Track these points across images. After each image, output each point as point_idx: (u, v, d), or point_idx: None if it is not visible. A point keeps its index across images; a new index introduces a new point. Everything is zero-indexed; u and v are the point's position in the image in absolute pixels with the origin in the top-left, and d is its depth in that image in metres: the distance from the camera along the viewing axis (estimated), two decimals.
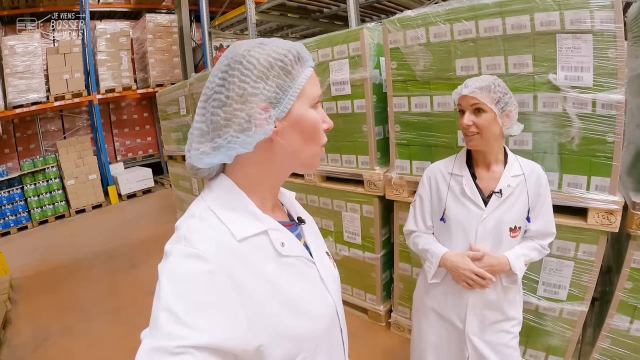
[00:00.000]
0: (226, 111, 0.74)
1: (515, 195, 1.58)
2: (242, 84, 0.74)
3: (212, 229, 0.74)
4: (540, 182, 1.60)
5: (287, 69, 0.76)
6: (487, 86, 1.49)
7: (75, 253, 5.73)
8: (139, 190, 8.84)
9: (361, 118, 2.82)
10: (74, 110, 9.04)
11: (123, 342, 3.35)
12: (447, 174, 1.70)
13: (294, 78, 0.77)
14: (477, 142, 1.55)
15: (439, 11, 2.19)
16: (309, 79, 0.80)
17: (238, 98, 0.74)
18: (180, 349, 0.59)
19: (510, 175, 1.58)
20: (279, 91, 0.76)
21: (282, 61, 0.76)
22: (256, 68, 0.74)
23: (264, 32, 7.37)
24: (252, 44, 0.78)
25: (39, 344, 3.49)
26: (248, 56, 0.75)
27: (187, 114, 5.25)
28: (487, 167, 1.62)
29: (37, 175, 7.56)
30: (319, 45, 2.93)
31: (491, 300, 1.65)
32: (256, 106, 0.74)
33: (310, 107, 0.81)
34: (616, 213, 1.88)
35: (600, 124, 1.84)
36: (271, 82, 0.75)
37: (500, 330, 1.68)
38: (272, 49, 0.77)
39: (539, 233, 1.65)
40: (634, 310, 1.98)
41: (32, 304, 4.30)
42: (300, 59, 0.79)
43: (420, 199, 1.80)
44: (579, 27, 1.78)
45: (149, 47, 8.66)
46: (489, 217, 1.59)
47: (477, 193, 1.60)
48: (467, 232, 1.63)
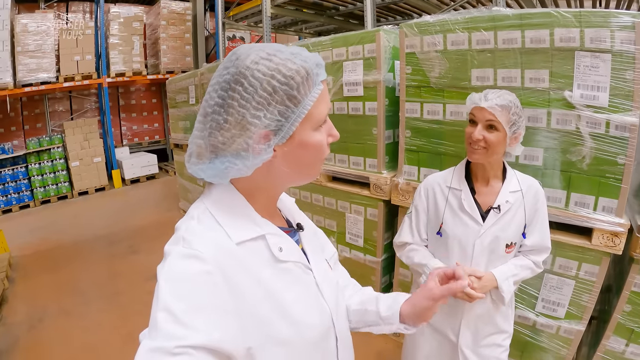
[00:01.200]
0: (224, 135, 0.73)
1: (513, 211, 1.58)
2: (241, 109, 0.70)
3: (211, 231, 0.75)
4: (538, 197, 1.60)
5: (292, 94, 0.71)
6: (508, 106, 1.46)
7: (76, 235, 5.75)
8: (143, 176, 8.87)
9: (372, 121, 2.80)
10: (83, 92, 9.07)
11: (119, 327, 3.37)
12: (446, 187, 1.68)
13: (299, 102, 0.72)
14: (481, 156, 1.52)
15: (458, 19, 2.18)
16: (317, 99, 0.75)
17: (236, 124, 0.71)
18: (179, 349, 0.59)
19: (508, 191, 1.58)
20: (282, 119, 0.72)
21: (288, 84, 0.71)
22: (257, 93, 0.70)
23: (279, 25, 7.34)
24: (259, 54, 0.72)
25: (35, 324, 3.52)
26: (250, 77, 0.70)
27: (196, 103, 5.25)
28: (486, 181, 1.61)
29: (42, 154, 7.58)
30: (334, 45, 2.91)
31: (485, 314, 1.65)
32: (255, 135, 0.71)
33: (315, 129, 0.77)
34: (621, 235, 1.87)
35: (612, 145, 1.82)
36: (273, 108, 0.71)
37: (493, 343, 1.69)
38: (278, 68, 0.71)
39: (534, 248, 1.64)
40: (630, 333, 1.97)
41: (30, 284, 4.32)
42: (310, 77, 0.73)
43: (416, 210, 1.77)
44: (598, 45, 1.76)
45: (162, 34, 8.67)
46: (486, 233, 1.58)
47: (475, 208, 1.59)
48: (463, 247, 1.62)
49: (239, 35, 10.21)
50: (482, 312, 1.65)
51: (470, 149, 1.55)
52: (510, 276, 1.59)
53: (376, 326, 1.02)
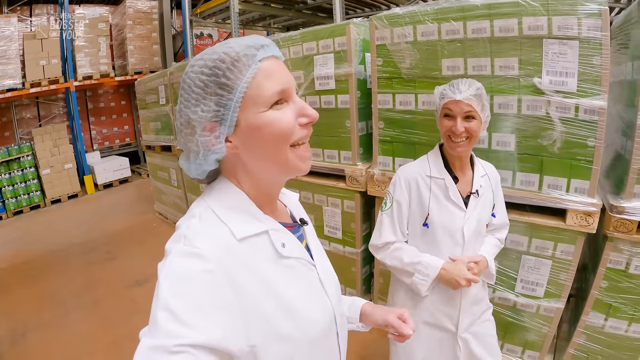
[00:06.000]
0: (184, 137, 0.78)
1: (485, 194, 1.67)
2: (185, 109, 0.75)
3: (212, 228, 0.74)
4: (497, 179, 1.76)
5: (221, 82, 0.71)
6: (480, 94, 1.50)
7: (52, 244, 5.61)
8: (116, 180, 8.72)
9: (345, 113, 2.81)
10: (50, 97, 8.79)
11: (101, 336, 3.31)
12: (426, 177, 1.66)
13: (233, 88, 0.71)
14: (465, 147, 1.54)
15: (428, 10, 2.19)
16: (257, 78, 0.72)
17: (186, 124, 0.76)
18: (178, 347, 0.59)
19: (479, 176, 1.66)
20: (220, 108, 0.72)
21: (215, 75, 0.71)
22: (193, 91, 0.73)
23: (247, 21, 7.26)
24: (197, 57, 0.75)
25: (17, 339, 3.42)
26: (187, 79, 0.74)
27: (166, 103, 5.16)
28: (462, 170, 1.66)
29: (11, 164, 7.34)
30: (304, 39, 2.90)
31: (477, 295, 1.73)
32: (199, 129, 0.74)
33: (266, 108, 0.73)
34: (594, 215, 1.93)
35: (582, 128, 1.88)
36: (208, 100, 0.72)
37: (485, 320, 1.77)
38: (205, 63, 0.72)
39: (499, 225, 1.80)
40: (608, 308, 2.04)
41: (9, 298, 4.21)
42: (239, 61, 0.72)
43: (398, 204, 1.70)
44: (565, 33, 1.81)
45: (129, 34, 8.47)
46: (470, 218, 1.62)
47: (459, 196, 1.62)
48: (452, 235, 1.64)
49: (207, 32, 10.06)
50: (475, 294, 1.71)
51: (452, 143, 1.55)
52: (492, 255, 1.71)
53: None
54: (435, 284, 1.66)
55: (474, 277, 1.56)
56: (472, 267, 1.59)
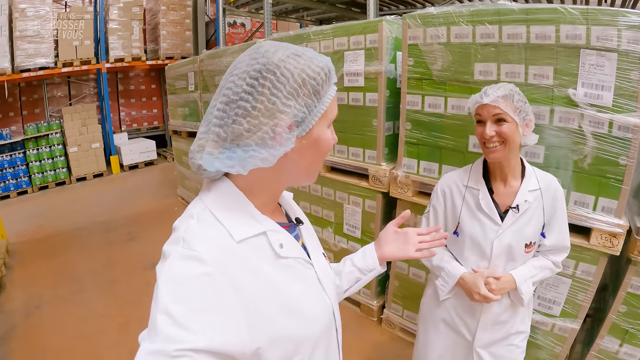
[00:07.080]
0: (250, 122, 0.72)
1: (532, 211, 1.54)
2: (273, 97, 0.71)
3: (211, 229, 0.74)
4: (557, 196, 1.56)
5: (317, 89, 0.75)
6: (510, 95, 1.43)
7: (74, 221, 5.73)
8: (141, 162, 8.85)
9: (372, 112, 2.78)
10: (82, 77, 8.96)
11: (115, 316, 3.37)
12: (463, 186, 1.64)
13: (321, 98, 0.77)
14: (500, 153, 1.48)
15: (463, 11, 2.14)
16: (332, 99, 0.80)
17: (266, 111, 0.72)
18: (179, 352, 0.58)
19: (527, 190, 1.54)
20: (307, 111, 0.75)
21: (315, 80, 0.74)
22: (289, 83, 0.72)
23: (280, 12, 7.27)
24: (285, 52, 0.75)
25: (32, 311, 3.52)
26: (283, 68, 0.72)
27: (195, 90, 5.21)
28: (505, 180, 1.57)
29: (40, 140, 7.55)
30: (335, 34, 2.88)
31: (502, 316, 1.63)
32: (283, 123, 0.72)
33: (327, 127, 0.81)
34: (619, 236, 1.86)
35: (614, 145, 1.81)
36: (301, 100, 0.74)
37: (510, 344, 1.67)
38: (307, 64, 0.75)
39: (553, 248, 1.61)
40: (625, 334, 1.98)
41: (27, 271, 4.32)
42: (329, 78, 0.78)
43: (434, 210, 1.74)
44: (604, 44, 1.74)
45: (162, 19, 8.57)
46: (504, 233, 1.54)
47: (493, 208, 1.56)
48: (481, 247, 1.59)
49: (240, 21, 10.10)
50: (499, 313, 1.63)
51: (486, 149, 1.51)
52: (529, 277, 1.57)
53: (358, 282, 1.17)
54: (458, 289, 1.65)
55: (488, 293, 1.49)
56: (490, 282, 1.52)
